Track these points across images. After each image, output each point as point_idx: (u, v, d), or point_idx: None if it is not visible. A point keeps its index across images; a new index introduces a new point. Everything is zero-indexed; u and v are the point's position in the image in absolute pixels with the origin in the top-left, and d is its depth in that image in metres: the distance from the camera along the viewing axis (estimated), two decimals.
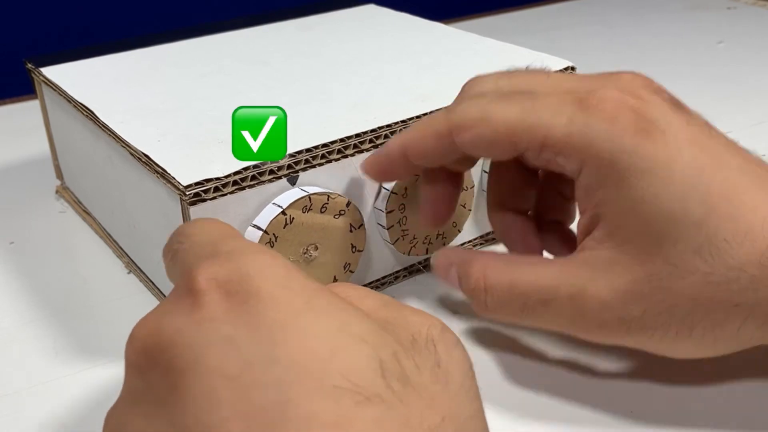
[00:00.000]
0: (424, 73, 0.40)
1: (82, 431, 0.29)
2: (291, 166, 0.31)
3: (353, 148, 0.32)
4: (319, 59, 0.42)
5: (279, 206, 0.30)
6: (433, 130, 0.29)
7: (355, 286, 0.21)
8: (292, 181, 0.31)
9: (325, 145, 0.32)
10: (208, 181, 0.29)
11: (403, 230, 0.34)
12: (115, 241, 0.40)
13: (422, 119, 0.30)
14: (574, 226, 0.31)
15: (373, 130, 0.33)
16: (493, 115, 0.28)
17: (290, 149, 0.31)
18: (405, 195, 0.34)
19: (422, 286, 0.37)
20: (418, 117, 0.34)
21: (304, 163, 0.31)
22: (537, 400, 0.29)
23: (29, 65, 0.44)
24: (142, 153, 0.32)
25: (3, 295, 0.37)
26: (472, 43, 0.44)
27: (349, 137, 0.32)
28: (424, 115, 0.34)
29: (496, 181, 0.33)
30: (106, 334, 0.34)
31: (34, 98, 0.47)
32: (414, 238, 0.35)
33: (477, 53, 0.42)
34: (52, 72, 0.42)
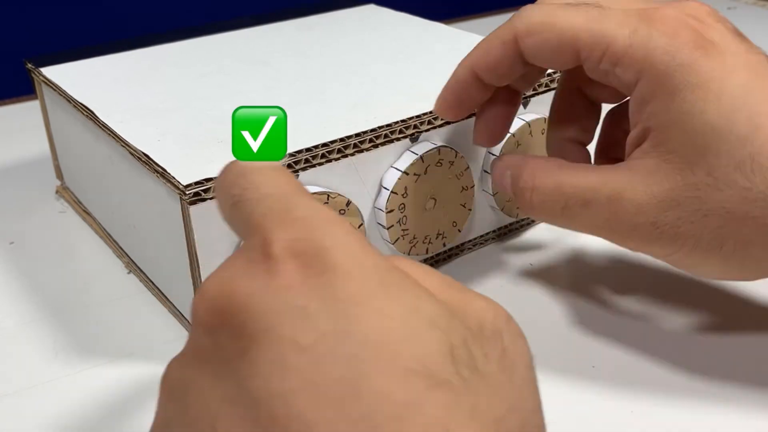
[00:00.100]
0: (424, 73, 0.40)
1: (82, 431, 0.29)
2: (291, 166, 0.31)
3: (353, 148, 0.32)
4: (319, 59, 0.42)
5: None
6: (499, 39, 0.30)
7: (415, 262, 0.21)
8: None
9: (325, 145, 0.32)
10: (208, 180, 0.29)
11: (403, 230, 0.34)
12: (115, 241, 0.40)
13: (488, 35, 0.31)
14: None
15: (373, 130, 0.33)
16: (558, 20, 0.28)
17: (290, 149, 0.31)
18: (405, 195, 0.34)
19: None
20: (417, 116, 0.34)
21: (304, 163, 0.31)
22: None
23: (29, 65, 0.44)
24: (142, 152, 0.32)
25: (3, 295, 0.37)
26: (473, 43, 0.44)
27: (349, 137, 0.32)
28: (424, 115, 0.34)
29: (558, 108, 0.34)
30: (106, 334, 0.34)
31: (34, 98, 0.47)
32: (414, 238, 0.35)
33: None
34: (52, 72, 0.42)
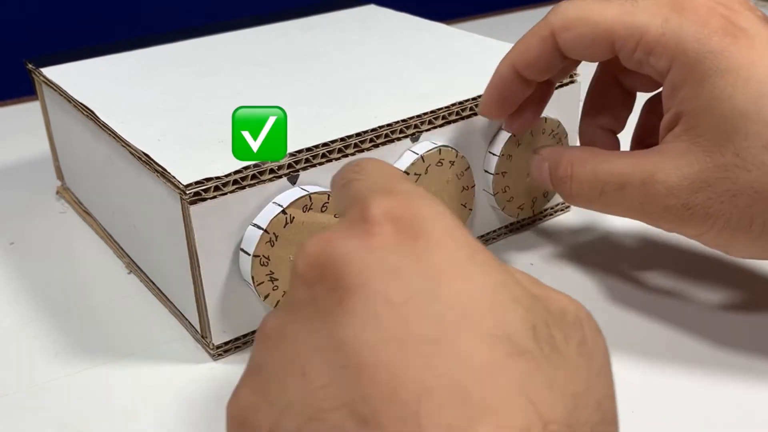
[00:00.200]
0: (424, 73, 0.40)
1: (82, 431, 0.29)
2: (291, 165, 0.31)
3: (354, 148, 0.32)
4: (320, 59, 0.42)
5: (279, 205, 0.30)
6: (537, 36, 0.31)
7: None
8: (293, 180, 0.31)
9: (325, 144, 0.32)
10: (208, 180, 0.29)
11: None
12: (116, 241, 0.40)
13: (526, 32, 0.32)
14: None
15: (373, 130, 0.33)
16: (593, 14, 0.30)
17: (291, 148, 0.31)
18: None
19: None
20: (418, 116, 0.34)
21: (305, 162, 0.31)
22: None
23: (30, 66, 0.44)
24: (143, 152, 0.32)
25: (3, 295, 0.37)
26: (473, 43, 0.44)
27: (349, 136, 0.32)
28: (425, 114, 0.34)
29: (593, 96, 0.35)
30: (106, 334, 0.34)
31: (35, 99, 0.47)
32: None
33: (478, 53, 0.42)
34: (52, 72, 0.42)
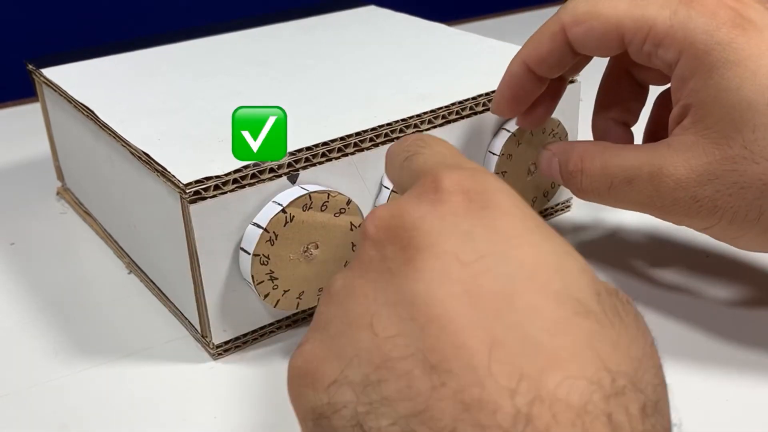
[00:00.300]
0: (424, 73, 0.40)
1: (82, 431, 0.29)
2: (291, 165, 0.31)
3: (353, 147, 0.32)
4: (320, 60, 0.42)
5: (279, 204, 0.30)
6: (548, 32, 0.31)
7: None
8: (293, 179, 0.31)
9: (325, 144, 0.32)
10: (208, 179, 0.29)
11: None
12: (116, 241, 0.40)
13: (537, 29, 0.32)
14: None
15: (373, 129, 0.33)
16: (602, 9, 0.30)
17: (291, 147, 0.31)
18: None
19: None
20: (418, 116, 0.34)
21: (305, 162, 0.31)
22: None
23: (30, 66, 0.44)
24: (143, 152, 0.32)
25: (3, 295, 0.37)
26: (473, 44, 0.44)
27: (349, 135, 0.32)
28: (425, 114, 0.34)
29: (606, 89, 0.35)
30: (106, 334, 0.34)
31: (35, 101, 0.47)
32: None
33: (478, 53, 0.42)
34: (52, 73, 0.42)
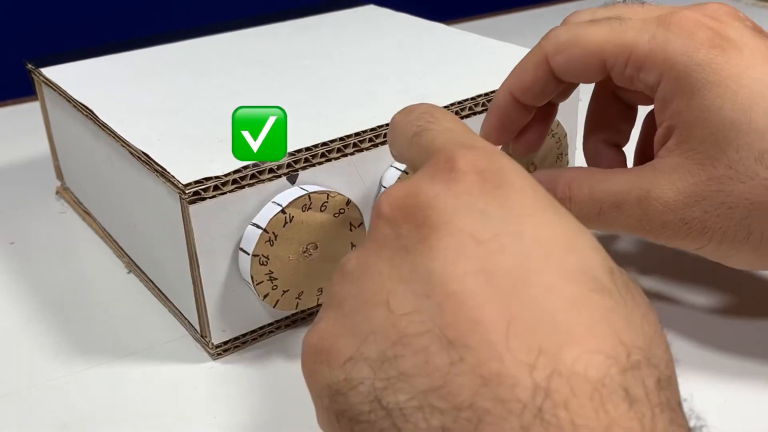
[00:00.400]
0: (424, 73, 0.40)
1: (82, 431, 0.29)
2: (291, 165, 0.31)
3: (353, 147, 0.32)
4: (319, 59, 0.42)
5: (279, 205, 0.30)
6: (532, 61, 0.31)
7: None
8: (292, 179, 0.31)
9: (324, 144, 0.32)
10: (207, 179, 0.29)
11: None
12: (115, 241, 0.40)
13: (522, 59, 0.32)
14: None
15: (372, 129, 0.33)
16: (583, 36, 0.30)
17: (290, 148, 0.31)
18: None
19: None
20: None
21: (304, 162, 0.31)
22: None
23: (30, 66, 0.44)
24: (142, 152, 0.32)
25: (3, 295, 0.37)
26: (473, 43, 0.44)
27: (348, 136, 0.32)
28: None
29: (594, 112, 0.35)
30: (106, 334, 0.34)
31: (35, 99, 0.47)
32: None
33: (477, 53, 0.42)
34: (52, 72, 0.42)
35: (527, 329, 0.18)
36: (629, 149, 0.36)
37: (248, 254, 0.30)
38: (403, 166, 0.33)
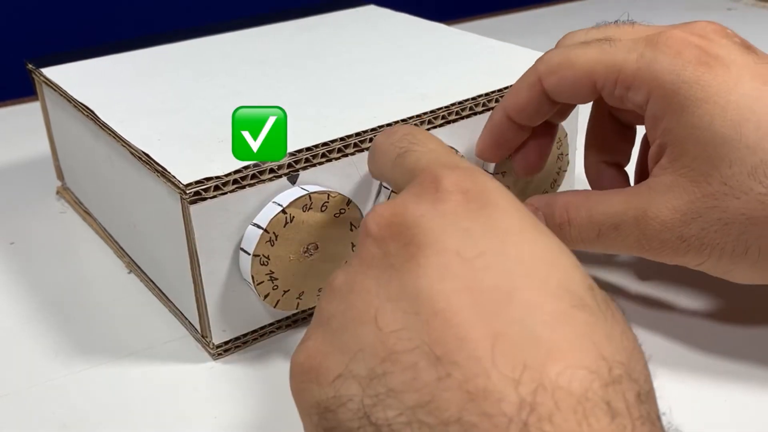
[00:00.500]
0: (424, 73, 0.40)
1: (82, 431, 0.29)
2: (291, 165, 0.31)
3: (353, 147, 0.32)
4: (320, 59, 0.42)
5: (279, 205, 0.30)
6: (526, 82, 0.32)
7: None
8: (293, 179, 0.31)
9: (325, 144, 0.32)
10: (208, 179, 0.29)
11: None
12: (116, 241, 0.40)
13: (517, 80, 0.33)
14: None
15: (373, 130, 0.33)
16: (574, 58, 0.31)
17: (291, 148, 0.31)
18: None
19: None
20: (418, 116, 0.34)
21: (305, 162, 0.31)
22: None
23: (30, 66, 0.44)
24: (142, 152, 0.32)
25: (3, 295, 0.37)
26: (473, 43, 0.44)
27: (349, 136, 0.32)
28: (425, 114, 0.34)
29: (593, 133, 0.36)
30: (106, 334, 0.34)
31: (35, 99, 0.47)
32: None
33: (477, 53, 0.42)
34: (52, 72, 0.42)
35: (512, 345, 0.18)
36: (630, 169, 0.36)
37: (249, 254, 0.30)
38: None
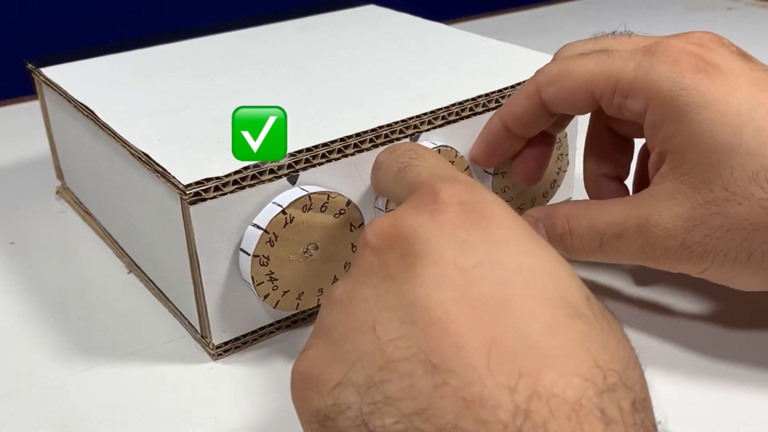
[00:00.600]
0: (424, 73, 0.40)
1: (82, 431, 0.29)
2: (291, 166, 0.31)
3: (353, 148, 0.32)
4: (320, 59, 0.42)
5: (279, 205, 0.30)
6: (524, 92, 0.32)
7: None
8: (293, 180, 0.31)
9: (325, 145, 0.32)
10: (208, 180, 0.29)
11: None
12: (116, 241, 0.40)
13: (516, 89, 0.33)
14: None
15: (373, 130, 0.33)
16: (572, 69, 0.31)
17: (290, 148, 0.31)
18: None
19: None
20: (418, 116, 0.34)
21: (305, 163, 0.31)
22: None
23: (30, 65, 0.44)
24: (142, 152, 0.32)
25: (3, 295, 0.37)
26: (473, 43, 0.44)
27: (349, 137, 0.32)
28: (425, 114, 0.34)
29: (591, 147, 0.36)
30: (106, 334, 0.34)
31: (35, 99, 0.47)
32: None
33: (477, 53, 0.42)
34: (52, 72, 0.42)
35: (508, 353, 0.18)
36: (628, 181, 0.36)
37: (249, 255, 0.30)
38: None
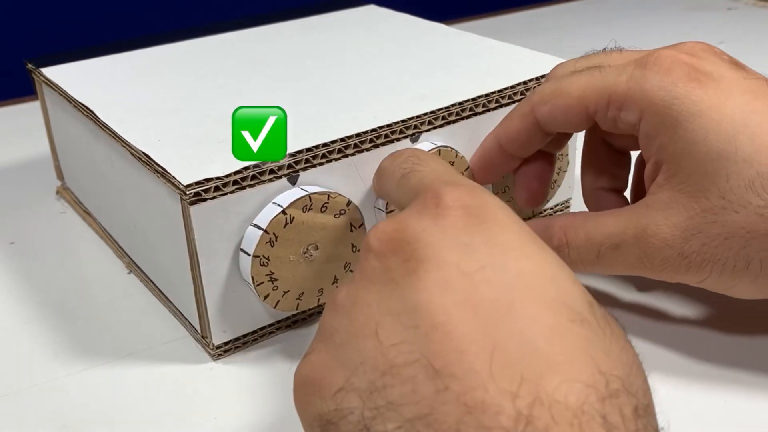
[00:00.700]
0: (424, 73, 0.40)
1: (82, 431, 0.29)
2: (291, 166, 0.31)
3: (354, 148, 0.32)
4: (320, 59, 0.42)
5: (279, 206, 0.30)
6: (518, 113, 0.33)
7: None
8: (293, 180, 0.31)
9: (325, 145, 0.32)
10: (208, 180, 0.29)
11: None
12: (116, 241, 0.40)
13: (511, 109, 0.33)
14: None
15: (373, 130, 0.33)
16: (565, 87, 0.31)
17: (291, 149, 0.31)
18: None
19: None
20: (418, 117, 0.34)
21: (305, 163, 0.31)
22: None
23: (30, 66, 0.44)
24: (143, 152, 0.32)
25: (3, 295, 0.37)
26: (473, 44, 0.44)
27: (349, 137, 0.32)
28: (425, 115, 0.34)
29: (588, 161, 0.36)
30: (106, 334, 0.34)
31: (35, 99, 0.47)
32: None
33: (477, 53, 0.42)
34: (52, 72, 0.42)
35: (510, 359, 0.18)
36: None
37: (249, 255, 0.30)
38: None
